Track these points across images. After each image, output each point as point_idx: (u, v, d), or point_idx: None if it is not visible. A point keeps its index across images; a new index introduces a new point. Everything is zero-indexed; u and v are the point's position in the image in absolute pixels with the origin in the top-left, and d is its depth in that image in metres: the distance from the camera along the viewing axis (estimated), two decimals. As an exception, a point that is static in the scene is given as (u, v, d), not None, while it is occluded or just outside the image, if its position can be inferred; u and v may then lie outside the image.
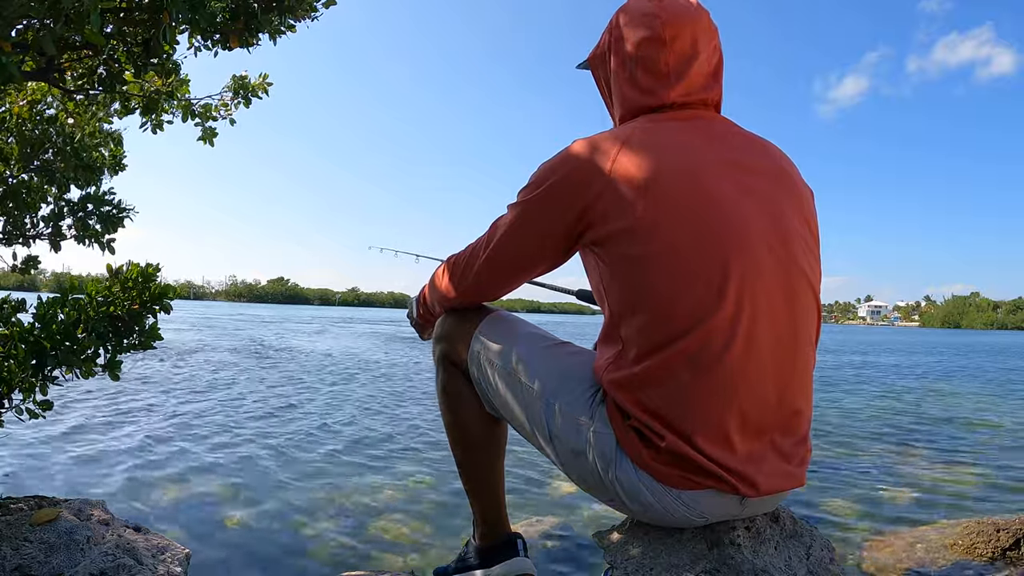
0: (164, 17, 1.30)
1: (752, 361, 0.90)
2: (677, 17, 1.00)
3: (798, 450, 0.98)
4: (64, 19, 1.06)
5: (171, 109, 1.90)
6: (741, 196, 0.93)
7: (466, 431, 1.23)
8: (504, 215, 1.06)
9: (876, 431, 3.99)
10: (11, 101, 1.66)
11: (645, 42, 1.00)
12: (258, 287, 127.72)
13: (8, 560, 1.17)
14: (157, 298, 1.41)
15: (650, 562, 1.00)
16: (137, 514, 1.95)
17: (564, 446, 1.03)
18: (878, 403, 5.45)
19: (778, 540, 1.03)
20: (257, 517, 1.99)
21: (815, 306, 0.99)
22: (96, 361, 1.35)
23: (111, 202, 1.71)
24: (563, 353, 1.11)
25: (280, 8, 1.55)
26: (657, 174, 0.91)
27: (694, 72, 1.01)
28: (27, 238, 1.73)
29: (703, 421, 0.90)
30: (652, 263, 0.90)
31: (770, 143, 1.05)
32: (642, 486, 0.94)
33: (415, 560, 1.72)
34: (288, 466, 2.63)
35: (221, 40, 1.55)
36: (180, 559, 1.30)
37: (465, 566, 1.27)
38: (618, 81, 1.07)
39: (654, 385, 0.91)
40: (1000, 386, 7.48)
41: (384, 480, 2.48)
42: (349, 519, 2.01)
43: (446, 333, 1.23)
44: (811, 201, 1.05)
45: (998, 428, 4.28)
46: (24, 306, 1.40)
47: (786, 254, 0.94)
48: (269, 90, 2.00)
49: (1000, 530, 1.69)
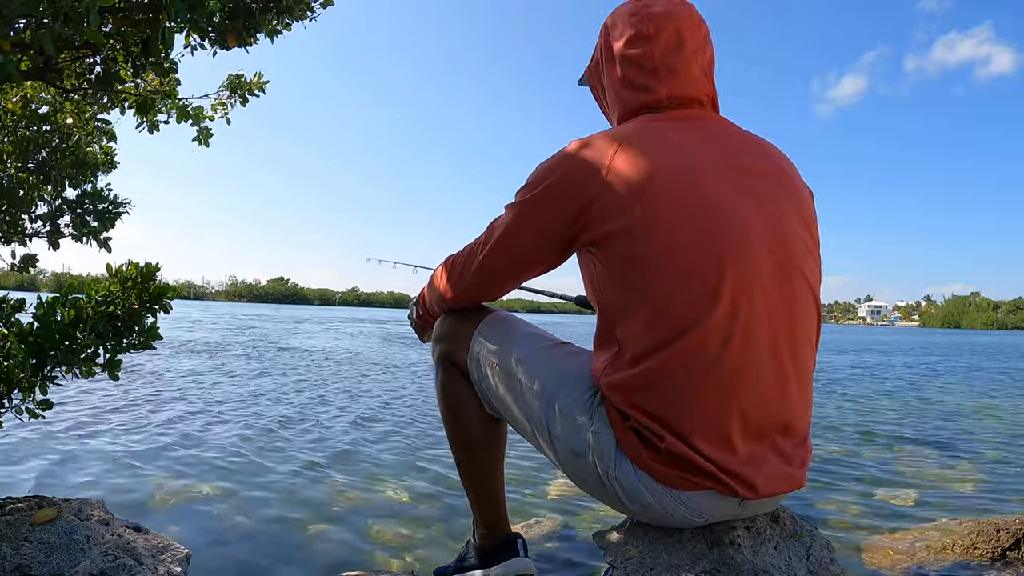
0: (163, 17, 1.30)
1: (751, 362, 0.90)
2: (660, 13, 1.02)
3: (799, 451, 0.98)
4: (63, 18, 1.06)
5: (166, 110, 1.89)
6: (739, 197, 0.93)
7: (466, 431, 1.23)
8: (501, 215, 1.06)
9: (876, 431, 3.99)
10: (6, 99, 1.66)
11: (632, 40, 1.02)
12: (258, 287, 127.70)
13: (8, 560, 1.16)
14: (157, 298, 1.40)
15: (650, 562, 1.00)
16: (137, 514, 1.94)
17: (564, 446, 1.03)
18: (878, 403, 5.45)
19: (778, 540, 1.03)
20: (257, 517, 1.99)
21: (815, 307, 0.99)
22: (96, 361, 1.35)
23: (107, 198, 1.71)
24: (563, 353, 1.11)
25: (278, 8, 1.55)
26: (654, 174, 0.91)
27: (683, 64, 1.02)
28: (24, 236, 1.72)
29: (702, 422, 0.89)
30: (649, 264, 0.90)
31: (769, 143, 1.05)
32: (641, 486, 0.94)
33: (415, 560, 1.72)
34: (288, 466, 2.62)
35: (219, 40, 1.55)
36: (180, 559, 1.30)
37: (465, 566, 1.26)
38: (612, 84, 1.08)
39: (652, 387, 0.91)
40: (1000, 386, 7.48)
41: (384, 480, 2.48)
42: (349, 519, 2.01)
43: (446, 333, 1.23)
44: (811, 202, 1.05)
45: (998, 428, 4.28)
46: (23, 306, 1.40)
47: (785, 255, 0.94)
48: (267, 89, 2.00)
49: (1000, 530, 1.69)
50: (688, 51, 1.02)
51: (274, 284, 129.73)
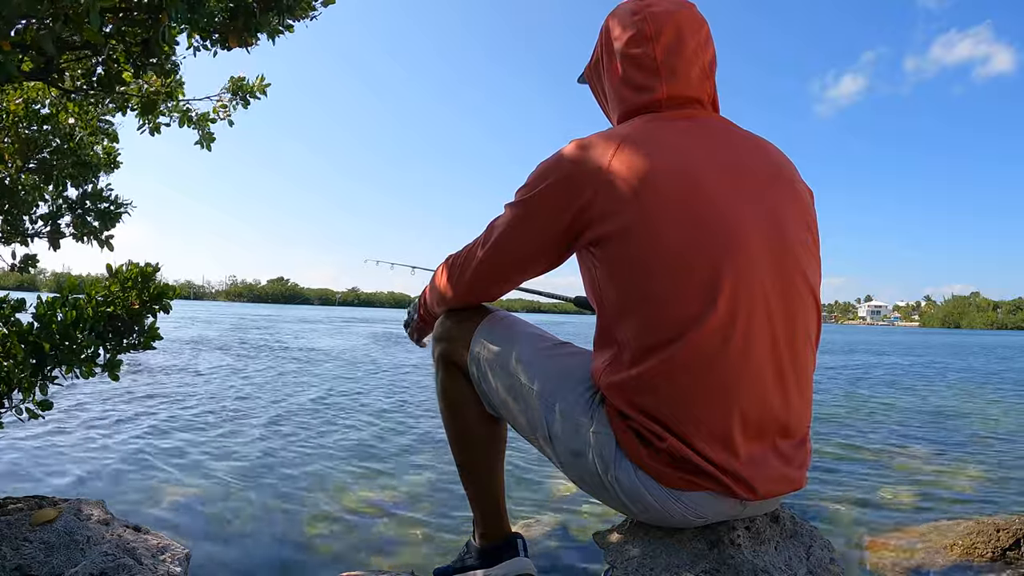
0: (163, 17, 1.30)
1: (750, 363, 0.90)
2: (661, 12, 1.01)
3: (799, 452, 0.98)
4: (63, 18, 1.06)
5: (169, 112, 1.90)
6: (738, 197, 0.93)
7: (466, 431, 1.23)
8: (501, 215, 1.06)
9: (876, 431, 3.99)
10: (8, 100, 1.66)
11: (633, 39, 1.02)
12: (258, 287, 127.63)
13: (8, 560, 1.17)
14: (156, 298, 1.41)
15: (650, 562, 1.00)
16: (137, 514, 1.94)
17: (564, 447, 1.03)
18: (878, 403, 5.45)
19: (778, 540, 1.03)
20: (257, 517, 1.99)
21: (814, 307, 0.99)
22: (95, 361, 1.35)
23: (108, 198, 1.71)
24: (563, 354, 1.11)
25: (279, 8, 1.55)
26: (653, 174, 0.91)
27: (684, 63, 1.01)
28: (25, 236, 1.72)
29: (702, 423, 0.89)
30: (648, 264, 0.90)
31: (769, 144, 1.05)
32: (641, 487, 0.94)
33: (415, 560, 1.72)
34: (288, 466, 2.63)
35: (220, 40, 1.55)
36: (180, 559, 1.30)
37: (465, 566, 1.26)
38: (613, 84, 1.07)
39: (651, 387, 0.91)
40: (1000, 386, 7.48)
41: (384, 480, 2.48)
42: (349, 519, 2.01)
43: (446, 333, 1.23)
44: (811, 203, 1.05)
45: (998, 428, 4.28)
46: (23, 306, 1.40)
47: (784, 256, 0.94)
48: (268, 91, 2.00)
49: (1000, 530, 1.69)
50: (689, 51, 1.01)
51: (274, 284, 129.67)
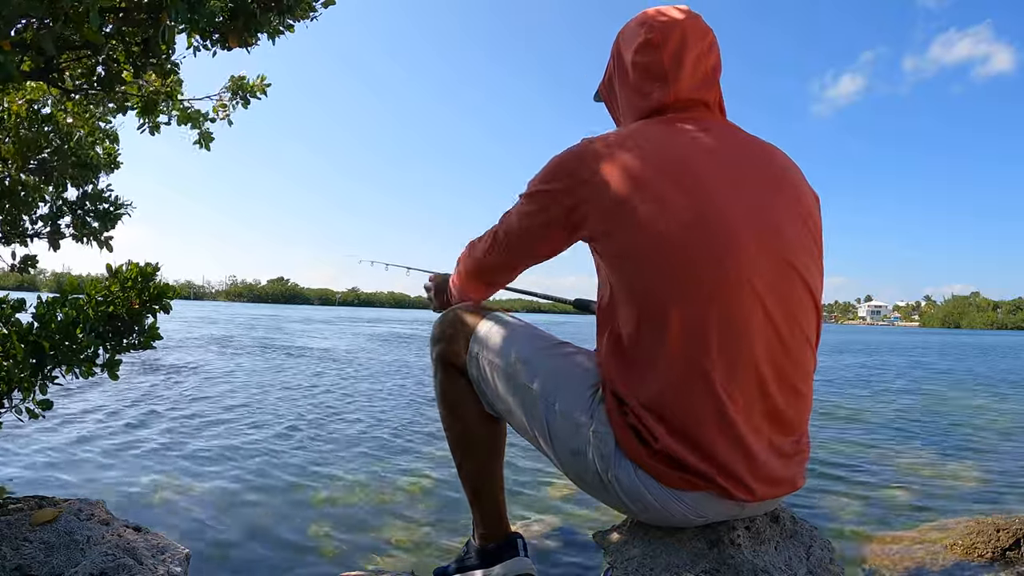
0: (163, 17, 1.30)
1: (748, 363, 0.90)
2: (667, 21, 1.06)
3: (797, 451, 0.98)
4: (63, 18, 1.06)
5: (168, 112, 1.90)
6: (738, 198, 0.94)
7: (465, 431, 1.23)
8: (516, 204, 1.11)
9: (876, 431, 3.99)
10: (9, 100, 1.66)
11: (641, 48, 1.06)
12: (258, 287, 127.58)
13: (8, 560, 1.17)
14: (156, 298, 1.41)
15: (650, 562, 1.00)
16: (137, 514, 1.94)
17: (564, 446, 1.03)
18: (878, 402, 5.45)
19: (778, 540, 1.03)
20: (257, 517, 1.99)
21: (814, 309, 1.00)
22: (95, 361, 1.35)
23: (108, 199, 1.71)
24: (562, 353, 1.11)
25: (279, 8, 1.55)
26: (653, 174, 0.93)
27: (689, 67, 1.04)
28: (25, 237, 1.73)
29: (699, 422, 0.90)
30: (645, 261, 0.91)
31: (775, 148, 1.06)
32: (641, 486, 0.94)
33: (415, 560, 1.72)
34: (288, 466, 2.63)
35: (220, 40, 1.55)
36: (180, 559, 1.30)
37: (465, 566, 1.27)
38: (624, 93, 1.12)
39: (649, 385, 0.92)
40: (1000, 386, 7.48)
41: (384, 480, 2.48)
42: (349, 519, 2.01)
43: (445, 333, 1.23)
44: (815, 206, 1.05)
45: (998, 428, 4.28)
46: (23, 306, 1.40)
47: (783, 257, 0.94)
48: (268, 91, 2.00)
49: (1000, 530, 1.69)
50: (693, 55, 1.05)
51: (274, 284, 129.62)
